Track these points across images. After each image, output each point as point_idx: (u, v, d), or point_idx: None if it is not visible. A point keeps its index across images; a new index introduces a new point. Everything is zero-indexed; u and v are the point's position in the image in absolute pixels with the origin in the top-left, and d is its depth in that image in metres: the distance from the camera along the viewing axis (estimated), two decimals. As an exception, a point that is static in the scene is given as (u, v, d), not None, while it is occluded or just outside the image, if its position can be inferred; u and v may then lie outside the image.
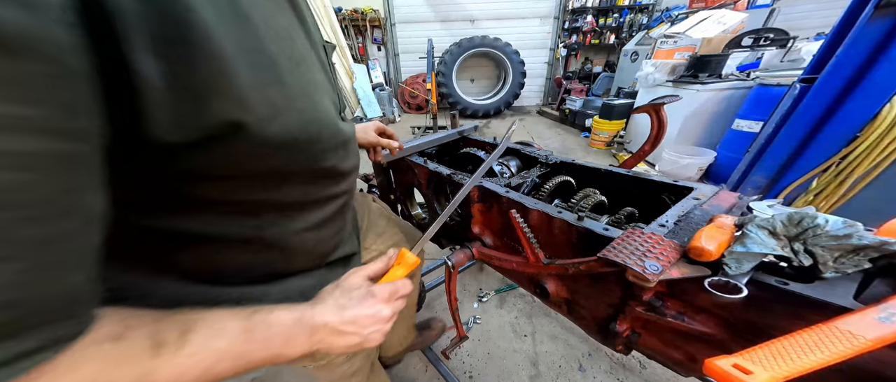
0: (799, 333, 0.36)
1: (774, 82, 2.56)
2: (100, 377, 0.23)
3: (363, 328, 0.42)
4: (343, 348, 0.42)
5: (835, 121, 1.58)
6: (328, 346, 0.40)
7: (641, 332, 0.66)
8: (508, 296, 1.93)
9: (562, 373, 1.48)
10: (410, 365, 1.53)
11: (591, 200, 0.86)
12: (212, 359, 0.29)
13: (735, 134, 2.89)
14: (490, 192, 0.86)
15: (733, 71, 3.38)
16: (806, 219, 0.44)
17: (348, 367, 0.70)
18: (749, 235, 0.46)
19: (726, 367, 0.34)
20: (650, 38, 4.57)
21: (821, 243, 0.41)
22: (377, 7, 6.46)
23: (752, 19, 4.03)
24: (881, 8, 1.35)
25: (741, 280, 0.45)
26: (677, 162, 3.05)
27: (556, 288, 0.81)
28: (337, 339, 0.41)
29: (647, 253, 0.50)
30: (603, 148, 4.42)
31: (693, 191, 0.74)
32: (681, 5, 5.41)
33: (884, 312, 0.35)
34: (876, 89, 1.44)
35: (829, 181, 1.67)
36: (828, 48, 1.72)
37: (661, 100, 0.88)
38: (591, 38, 6.57)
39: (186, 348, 0.28)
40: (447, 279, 0.97)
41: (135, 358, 0.25)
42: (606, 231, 0.62)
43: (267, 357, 0.34)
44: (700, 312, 0.55)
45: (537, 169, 1.07)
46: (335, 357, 0.66)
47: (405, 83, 6.70)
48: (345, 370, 0.70)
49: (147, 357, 0.26)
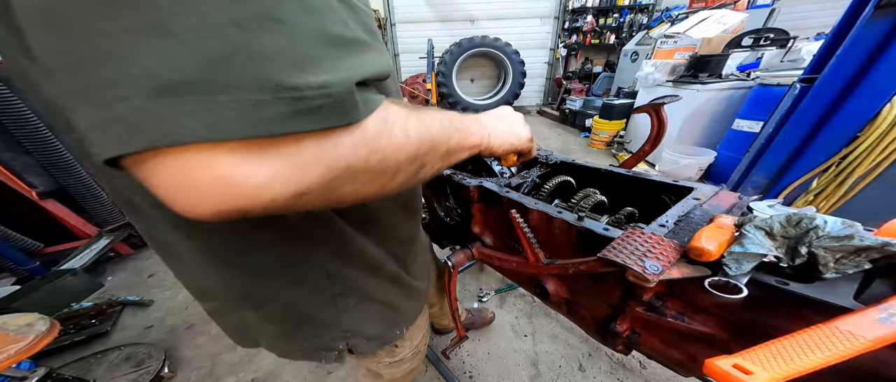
0: (799, 333, 0.36)
1: (775, 82, 2.56)
2: (405, 108, 0.30)
3: (512, 125, 0.55)
4: (502, 141, 0.51)
5: (835, 121, 1.57)
6: (490, 138, 0.49)
7: (641, 332, 0.66)
8: (508, 296, 1.93)
9: (562, 373, 1.48)
10: (410, 365, 1.53)
11: (591, 200, 0.86)
12: (438, 120, 0.36)
13: (735, 134, 2.89)
14: (490, 192, 0.86)
15: (733, 71, 3.37)
16: (805, 220, 0.43)
17: (409, 365, 0.82)
18: (747, 235, 0.46)
19: (726, 367, 0.34)
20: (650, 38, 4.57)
21: (823, 244, 0.41)
22: (377, 7, 6.46)
23: (752, 19, 4.03)
24: (881, 8, 1.35)
25: (741, 280, 0.44)
26: (677, 162, 3.05)
27: (556, 288, 0.81)
28: (498, 133, 0.51)
29: (647, 253, 0.50)
30: (603, 148, 4.42)
31: (693, 191, 0.74)
32: (681, 5, 5.41)
33: (884, 312, 0.35)
34: (876, 89, 1.44)
35: (829, 181, 1.67)
36: (828, 48, 1.72)
37: (662, 100, 0.88)
38: (591, 38, 6.56)
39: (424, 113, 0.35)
40: (447, 279, 0.97)
41: (411, 108, 0.33)
42: (606, 231, 0.62)
43: (459, 138, 0.40)
44: (700, 312, 0.55)
45: (537, 169, 1.07)
46: (406, 353, 0.76)
47: (405, 83, 6.69)
48: (407, 368, 0.82)
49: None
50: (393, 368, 0.80)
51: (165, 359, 1.54)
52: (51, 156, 1.96)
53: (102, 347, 1.66)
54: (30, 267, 2.00)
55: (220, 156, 0.19)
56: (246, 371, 1.56)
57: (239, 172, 0.19)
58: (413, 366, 0.85)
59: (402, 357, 0.78)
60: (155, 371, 1.46)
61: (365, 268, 0.54)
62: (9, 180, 1.87)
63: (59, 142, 1.97)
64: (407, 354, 0.78)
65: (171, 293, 2.10)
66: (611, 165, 0.96)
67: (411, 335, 0.75)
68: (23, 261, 1.98)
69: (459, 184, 0.92)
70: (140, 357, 1.54)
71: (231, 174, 0.19)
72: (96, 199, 2.20)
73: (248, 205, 0.21)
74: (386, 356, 0.74)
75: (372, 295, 0.57)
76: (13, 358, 0.94)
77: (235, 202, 0.20)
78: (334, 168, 0.22)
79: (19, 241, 1.98)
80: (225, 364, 1.60)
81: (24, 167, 1.94)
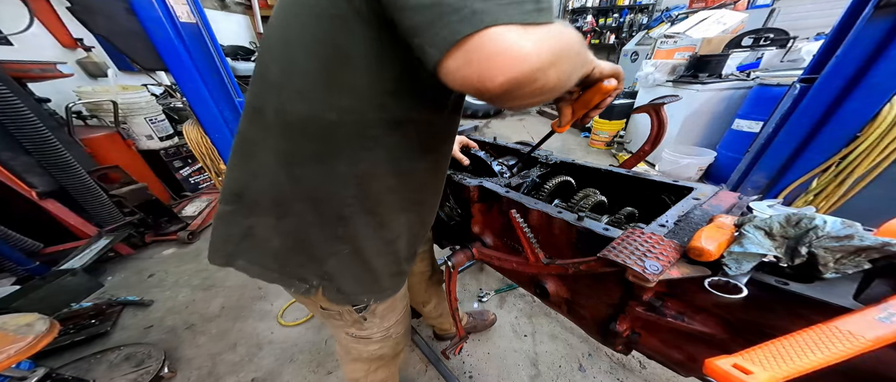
0: (799, 333, 0.36)
1: (774, 82, 2.56)
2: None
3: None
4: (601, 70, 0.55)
5: (835, 121, 1.57)
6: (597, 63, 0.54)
7: (641, 332, 0.66)
8: (508, 296, 1.93)
9: (562, 373, 1.48)
10: (410, 365, 1.53)
11: (591, 200, 0.86)
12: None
13: (735, 134, 2.89)
14: (490, 192, 0.86)
15: (733, 71, 3.37)
16: (804, 220, 0.44)
17: (378, 348, 0.85)
18: (746, 235, 0.46)
19: (726, 367, 0.34)
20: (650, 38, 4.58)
21: (823, 244, 0.41)
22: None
23: (752, 19, 4.03)
24: (881, 8, 1.35)
25: (741, 280, 0.44)
26: (677, 162, 3.05)
27: (556, 288, 0.81)
28: (599, 64, 0.55)
29: (647, 253, 0.50)
30: (603, 148, 4.42)
31: (693, 191, 0.74)
32: (681, 5, 5.41)
33: (884, 312, 0.35)
34: (876, 89, 1.44)
35: (829, 181, 1.67)
36: (828, 48, 1.72)
37: (661, 100, 0.88)
38: (591, 38, 6.57)
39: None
40: (447, 279, 0.97)
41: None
42: (606, 231, 0.62)
43: (586, 53, 0.46)
44: (700, 312, 0.55)
45: (537, 169, 1.07)
46: (374, 333, 0.81)
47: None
48: (374, 349, 0.86)
49: None
50: (359, 344, 0.83)
51: (165, 359, 1.54)
52: (51, 156, 1.96)
53: (102, 347, 1.66)
54: (30, 267, 2.00)
55: (509, 32, 0.30)
56: (246, 370, 1.56)
57: (518, 43, 0.30)
58: (383, 351, 0.87)
59: (368, 335, 0.81)
60: (155, 371, 1.46)
61: (376, 228, 0.60)
62: (9, 180, 1.87)
63: (58, 141, 1.98)
64: (375, 333, 0.81)
65: (171, 293, 2.10)
66: (611, 165, 0.96)
67: (382, 314, 0.78)
68: (23, 261, 1.98)
69: (459, 183, 0.92)
70: (140, 357, 1.54)
71: (515, 41, 0.30)
72: (96, 199, 2.20)
73: (520, 72, 0.30)
74: (352, 326, 0.78)
75: (364, 253, 0.62)
76: (13, 358, 0.94)
77: (516, 66, 0.30)
78: (554, 45, 0.33)
79: (19, 241, 1.98)
80: (225, 364, 1.60)
81: (24, 167, 1.94)
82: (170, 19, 1.55)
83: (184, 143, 2.94)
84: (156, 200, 2.50)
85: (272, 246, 0.61)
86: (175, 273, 2.30)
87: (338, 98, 0.46)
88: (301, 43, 0.45)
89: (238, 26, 4.99)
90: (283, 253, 0.61)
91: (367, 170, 0.53)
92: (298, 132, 0.50)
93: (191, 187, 3.27)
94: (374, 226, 0.60)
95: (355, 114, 0.47)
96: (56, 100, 2.51)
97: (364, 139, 0.50)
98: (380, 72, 0.44)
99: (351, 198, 0.55)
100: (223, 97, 1.87)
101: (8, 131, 1.85)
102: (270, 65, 0.50)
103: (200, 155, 2.52)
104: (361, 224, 0.58)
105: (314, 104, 0.47)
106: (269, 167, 0.55)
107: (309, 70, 0.45)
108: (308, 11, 0.43)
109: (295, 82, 0.47)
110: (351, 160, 0.52)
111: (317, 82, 0.46)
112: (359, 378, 0.96)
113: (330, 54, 0.43)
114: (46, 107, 2.37)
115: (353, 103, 0.46)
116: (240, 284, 2.13)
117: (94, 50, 3.02)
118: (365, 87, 0.45)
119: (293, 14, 0.45)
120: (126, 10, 1.50)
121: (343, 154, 0.51)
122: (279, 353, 1.64)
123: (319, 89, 0.46)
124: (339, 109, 0.47)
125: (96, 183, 2.19)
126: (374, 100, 0.46)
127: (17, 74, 2.02)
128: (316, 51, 0.44)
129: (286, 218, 0.58)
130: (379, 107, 0.47)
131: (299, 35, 0.45)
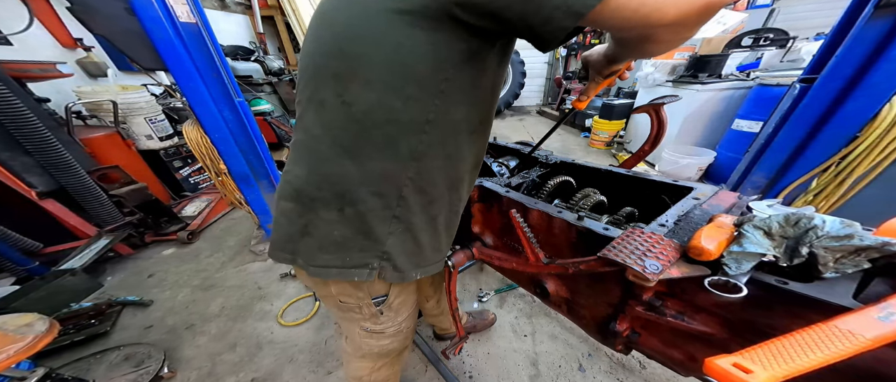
0: (799, 332, 0.36)
1: (774, 82, 2.56)
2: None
3: None
4: None
5: (835, 121, 1.57)
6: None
7: (641, 332, 0.66)
8: (508, 296, 1.93)
9: (562, 373, 1.48)
10: (410, 365, 1.53)
11: (591, 200, 0.86)
12: None
13: (735, 134, 2.89)
14: (490, 192, 0.86)
15: (733, 71, 3.38)
16: (803, 220, 0.44)
17: (388, 343, 0.87)
18: (746, 235, 0.46)
19: (726, 366, 0.34)
20: (650, 38, 4.56)
21: (822, 244, 0.41)
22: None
23: (752, 19, 4.04)
24: (881, 8, 1.35)
25: (741, 279, 0.45)
26: (677, 162, 3.05)
27: (556, 288, 0.81)
28: None
29: (646, 252, 0.50)
30: (603, 148, 4.42)
31: (693, 190, 0.74)
32: (681, 5, 5.40)
33: (883, 311, 0.35)
34: (876, 89, 1.44)
35: (828, 181, 1.67)
36: (828, 48, 1.72)
37: (661, 100, 0.88)
38: (591, 38, 6.56)
39: None
40: (447, 279, 0.97)
41: None
42: (606, 230, 0.62)
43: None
44: (700, 312, 0.55)
45: (537, 169, 1.07)
46: (388, 327, 0.82)
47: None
48: (385, 344, 0.87)
49: None
50: (372, 338, 0.85)
51: (165, 359, 1.54)
52: (50, 156, 1.96)
53: (102, 347, 1.66)
54: (29, 266, 1.99)
55: None
56: (246, 370, 1.55)
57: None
58: (393, 346, 0.89)
59: (383, 330, 0.82)
60: (155, 371, 1.46)
61: (426, 205, 0.64)
62: (9, 180, 1.87)
63: (58, 141, 1.97)
64: (389, 327, 0.83)
65: (171, 293, 2.10)
66: (611, 165, 0.96)
67: (397, 308, 0.80)
68: (22, 261, 1.98)
69: (459, 183, 0.92)
70: (140, 358, 1.54)
71: None
72: (96, 199, 2.20)
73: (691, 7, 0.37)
74: (369, 320, 0.80)
75: (414, 229, 0.65)
76: (12, 358, 0.93)
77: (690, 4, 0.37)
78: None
79: (19, 241, 1.98)
80: (225, 363, 1.60)
81: (24, 167, 1.94)
82: (170, 19, 1.54)
83: (183, 143, 2.94)
84: (155, 200, 2.50)
85: (333, 238, 0.63)
86: (175, 273, 2.29)
87: (403, 87, 0.51)
88: (370, 37, 0.49)
89: (238, 26, 4.98)
90: (345, 242, 0.63)
91: (424, 151, 0.58)
92: (365, 120, 0.54)
93: (190, 187, 3.28)
94: (423, 204, 0.64)
95: (419, 101, 0.52)
96: (56, 100, 2.51)
97: (424, 123, 0.55)
98: (442, 62, 0.49)
99: (407, 180, 0.60)
100: (223, 97, 1.86)
101: (8, 131, 1.85)
102: (328, 61, 0.54)
103: (200, 155, 2.51)
104: (414, 202, 0.63)
105: (382, 94, 0.52)
106: (334, 157, 0.58)
107: (377, 62, 0.50)
108: (377, 6, 0.47)
109: (362, 74, 0.51)
110: (411, 143, 0.56)
111: (384, 72, 0.50)
112: (362, 376, 0.96)
113: (399, 45, 0.48)
114: (46, 107, 2.37)
115: (417, 91, 0.51)
116: (239, 284, 2.13)
117: (94, 50, 3.02)
118: (428, 76, 0.50)
119: (356, 12, 0.49)
120: (126, 10, 1.50)
121: (404, 138, 0.56)
122: (279, 353, 1.64)
123: (387, 79, 0.51)
124: (405, 97, 0.52)
125: (96, 183, 2.19)
126: (434, 88, 0.51)
127: (16, 74, 2.02)
128: (385, 44, 0.48)
129: (349, 207, 0.61)
130: (438, 94, 0.52)
131: (366, 29, 0.49)
